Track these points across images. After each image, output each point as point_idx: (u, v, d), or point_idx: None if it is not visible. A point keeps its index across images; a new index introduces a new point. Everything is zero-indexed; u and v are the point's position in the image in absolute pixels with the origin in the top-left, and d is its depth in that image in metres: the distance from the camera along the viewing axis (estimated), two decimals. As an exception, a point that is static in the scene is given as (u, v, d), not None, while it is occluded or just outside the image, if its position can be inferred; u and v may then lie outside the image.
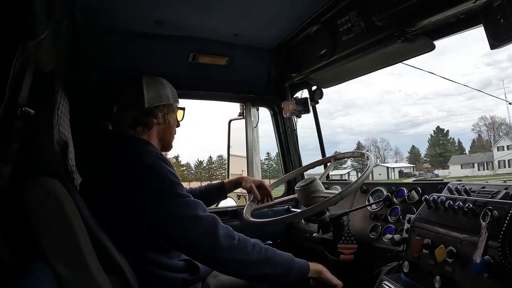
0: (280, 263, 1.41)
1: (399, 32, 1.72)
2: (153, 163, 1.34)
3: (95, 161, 1.40)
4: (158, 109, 1.57)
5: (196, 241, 1.29)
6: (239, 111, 2.89)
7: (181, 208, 1.30)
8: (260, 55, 2.54)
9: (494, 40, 1.32)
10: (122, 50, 2.09)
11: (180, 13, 1.93)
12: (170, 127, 1.66)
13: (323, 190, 1.79)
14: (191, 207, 1.32)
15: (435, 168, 58.48)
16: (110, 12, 1.83)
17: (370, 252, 1.81)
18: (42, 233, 1.01)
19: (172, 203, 1.30)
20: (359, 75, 2.33)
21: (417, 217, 1.42)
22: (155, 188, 1.30)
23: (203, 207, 1.36)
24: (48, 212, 1.03)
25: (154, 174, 1.32)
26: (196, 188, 2.03)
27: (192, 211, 1.31)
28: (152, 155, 1.37)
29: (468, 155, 56.44)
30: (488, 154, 50.95)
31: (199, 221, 1.30)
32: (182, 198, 1.32)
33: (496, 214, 1.08)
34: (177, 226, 1.29)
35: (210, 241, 1.29)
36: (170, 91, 1.65)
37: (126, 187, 1.29)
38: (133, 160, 1.33)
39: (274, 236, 2.48)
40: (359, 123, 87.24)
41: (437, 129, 68.38)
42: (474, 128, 63.35)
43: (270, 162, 52.34)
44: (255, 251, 1.35)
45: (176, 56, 2.27)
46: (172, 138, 1.70)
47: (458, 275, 1.13)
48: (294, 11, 2.03)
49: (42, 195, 1.02)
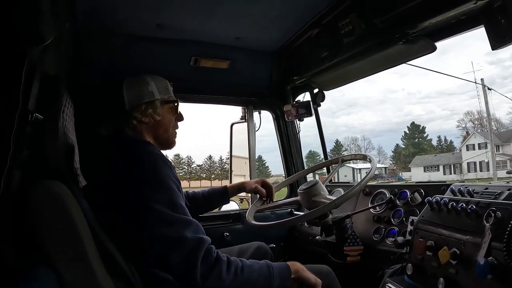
0: (259, 279, 1.33)
1: (400, 34, 1.73)
2: (150, 167, 1.30)
3: (96, 164, 1.40)
4: (136, 109, 1.51)
5: (174, 263, 1.23)
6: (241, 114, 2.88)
7: (168, 226, 1.24)
8: (261, 58, 2.55)
9: (495, 41, 1.32)
10: (124, 53, 2.10)
11: (181, 16, 1.94)
12: (162, 124, 1.57)
13: (325, 194, 1.79)
14: (179, 226, 1.25)
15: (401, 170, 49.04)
16: (111, 16, 1.84)
17: (373, 254, 1.80)
18: (46, 236, 1.01)
19: (160, 218, 1.25)
20: (361, 77, 2.34)
21: (420, 219, 1.41)
22: (148, 195, 1.26)
23: (193, 228, 1.28)
24: (53, 215, 1.03)
25: (149, 183, 1.28)
26: (199, 192, 2.02)
27: (177, 231, 1.24)
28: (151, 157, 1.34)
29: (434, 155, 46.23)
30: (457, 155, 42.35)
31: (182, 243, 1.23)
32: (172, 215, 1.26)
33: (500, 215, 1.07)
34: (159, 244, 1.24)
35: (186, 267, 1.22)
36: (156, 86, 1.56)
37: (123, 191, 1.28)
38: (131, 164, 1.31)
39: (277, 239, 2.48)
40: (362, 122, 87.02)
41: (411, 125, 58.95)
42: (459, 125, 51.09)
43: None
44: (229, 277, 1.26)
45: (178, 59, 2.28)
46: (167, 135, 1.61)
47: (462, 276, 1.12)
48: (295, 14, 2.03)
49: (47, 198, 1.02)
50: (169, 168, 1.36)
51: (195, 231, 1.27)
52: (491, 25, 1.32)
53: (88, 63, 1.98)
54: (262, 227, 1.77)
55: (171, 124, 1.61)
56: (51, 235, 1.02)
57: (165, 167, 1.34)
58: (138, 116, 1.51)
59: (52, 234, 1.03)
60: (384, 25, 1.75)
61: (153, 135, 1.56)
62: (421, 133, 57.57)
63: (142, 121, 1.52)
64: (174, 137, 1.65)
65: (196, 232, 1.27)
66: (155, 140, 1.57)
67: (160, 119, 1.56)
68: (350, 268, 1.83)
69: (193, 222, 1.30)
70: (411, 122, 60.11)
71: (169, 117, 1.60)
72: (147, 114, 1.53)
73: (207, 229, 2.26)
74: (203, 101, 2.63)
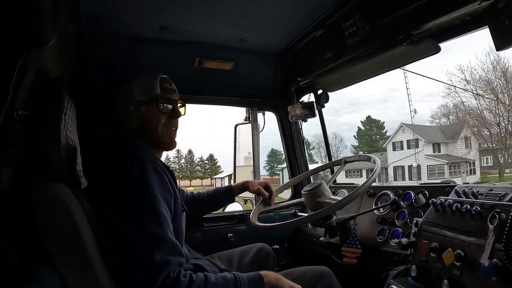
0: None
1: (404, 35, 1.72)
2: (138, 174, 1.29)
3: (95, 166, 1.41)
4: (124, 112, 1.51)
5: (137, 278, 1.20)
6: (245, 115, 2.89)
7: (141, 241, 1.22)
8: (265, 59, 2.55)
9: (500, 42, 1.31)
10: (128, 55, 2.11)
11: (185, 18, 1.94)
12: (147, 125, 1.52)
13: (329, 195, 1.79)
14: (151, 243, 1.22)
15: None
16: (115, 18, 1.85)
17: (377, 256, 1.80)
18: (49, 237, 1.02)
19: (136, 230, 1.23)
20: (365, 78, 2.33)
21: (424, 221, 1.41)
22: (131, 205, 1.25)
23: (164, 248, 1.23)
24: (55, 217, 1.03)
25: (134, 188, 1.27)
26: (204, 193, 2.03)
27: (148, 249, 1.21)
28: (140, 163, 1.31)
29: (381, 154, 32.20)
30: (386, 156, 31.05)
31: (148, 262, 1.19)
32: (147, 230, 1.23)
33: (504, 217, 1.07)
34: (130, 255, 1.22)
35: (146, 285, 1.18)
36: (138, 86, 1.52)
37: (113, 195, 1.28)
38: (120, 168, 1.31)
39: (280, 240, 2.48)
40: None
41: (367, 119, 47.86)
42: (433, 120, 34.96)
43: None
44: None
45: (182, 61, 2.29)
46: (158, 135, 1.53)
47: (466, 278, 1.12)
48: (299, 15, 2.03)
49: (50, 200, 1.03)
50: (159, 174, 1.34)
51: (166, 252, 1.23)
52: (495, 25, 1.32)
53: (92, 66, 1.99)
54: (266, 228, 1.77)
55: (159, 124, 1.53)
56: (54, 237, 1.03)
57: (153, 173, 1.31)
58: (126, 119, 1.52)
59: (55, 235, 1.03)
60: (388, 26, 1.75)
61: (144, 137, 1.53)
62: (379, 129, 47.25)
63: (130, 126, 1.52)
64: (168, 137, 1.58)
65: (167, 253, 1.23)
66: (148, 142, 1.53)
67: (146, 120, 1.52)
68: (354, 270, 1.82)
69: (167, 240, 1.26)
70: (367, 116, 50.15)
71: (155, 117, 1.53)
72: (131, 117, 1.52)
73: (211, 230, 2.29)
74: (207, 102, 2.64)
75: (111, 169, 1.34)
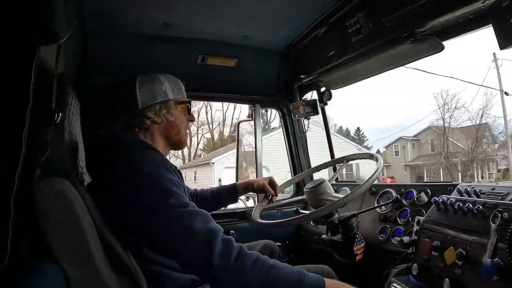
0: (286, 284, 1.22)
1: (407, 33, 1.72)
2: (150, 172, 1.28)
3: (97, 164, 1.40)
4: (149, 108, 1.49)
5: (188, 257, 1.22)
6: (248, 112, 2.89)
7: (176, 221, 1.22)
8: (269, 56, 2.55)
9: (504, 40, 1.31)
10: (131, 52, 2.11)
11: (189, 15, 1.95)
12: (174, 124, 1.56)
13: (331, 193, 1.79)
14: (187, 219, 1.22)
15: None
16: (118, 15, 1.85)
17: (379, 254, 1.80)
18: (51, 233, 1.02)
19: (166, 216, 1.23)
20: (368, 76, 2.33)
21: (426, 219, 1.41)
22: (149, 202, 1.24)
23: (202, 218, 1.25)
24: (58, 213, 1.03)
25: (149, 186, 1.26)
26: (207, 190, 2.03)
27: (187, 224, 1.21)
28: (150, 162, 1.31)
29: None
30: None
31: (193, 235, 1.20)
32: (178, 209, 1.24)
33: (506, 216, 1.07)
34: (170, 240, 1.23)
35: (203, 258, 1.19)
36: (169, 86, 1.55)
37: (121, 195, 1.27)
38: (127, 167, 1.29)
39: (283, 237, 2.48)
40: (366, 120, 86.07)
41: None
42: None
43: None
44: (254, 272, 1.20)
45: (185, 58, 2.29)
46: (179, 136, 1.59)
47: (468, 277, 1.12)
48: (302, 13, 2.03)
49: (53, 195, 1.02)
50: (170, 172, 1.34)
51: (204, 221, 1.25)
52: (499, 24, 1.31)
53: (96, 62, 2.00)
54: (268, 225, 1.77)
55: (183, 125, 1.60)
56: (56, 232, 1.03)
57: (165, 171, 1.32)
58: (151, 115, 1.50)
59: (57, 231, 1.03)
60: (391, 24, 1.74)
61: (165, 135, 1.55)
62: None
63: (155, 121, 1.51)
64: (186, 138, 1.63)
65: (206, 222, 1.25)
66: (166, 141, 1.56)
67: (173, 119, 1.55)
68: (355, 268, 1.83)
69: (201, 213, 1.27)
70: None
71: (182, 118, 1.59)
72: (161, 114, 1.52)
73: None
74: (210, 99, 2.66)
75: (121, 166, 1.31)
